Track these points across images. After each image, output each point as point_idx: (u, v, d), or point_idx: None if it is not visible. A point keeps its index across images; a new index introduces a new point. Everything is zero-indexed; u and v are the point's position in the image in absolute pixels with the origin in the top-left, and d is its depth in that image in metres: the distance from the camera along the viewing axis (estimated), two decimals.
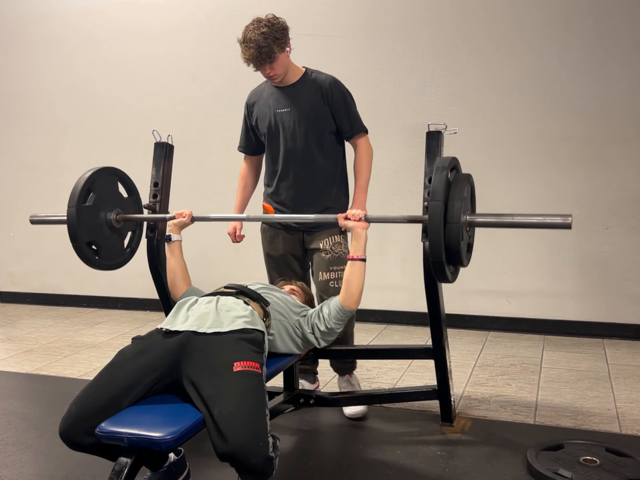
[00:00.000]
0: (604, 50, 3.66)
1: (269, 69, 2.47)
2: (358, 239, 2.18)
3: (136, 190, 2.78)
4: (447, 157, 2.11)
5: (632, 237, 3.74)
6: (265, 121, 2.65)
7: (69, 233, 2.43)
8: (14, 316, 4.91)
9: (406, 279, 4.09)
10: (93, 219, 2.52)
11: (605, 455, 2.20)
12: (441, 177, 1.99)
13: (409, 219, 2.23)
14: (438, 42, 3.95)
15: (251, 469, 1.62)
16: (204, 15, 4.47)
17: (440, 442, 2.46)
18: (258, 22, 2.42)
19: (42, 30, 4.92)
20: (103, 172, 2.58)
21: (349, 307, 2.19)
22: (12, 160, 5.19)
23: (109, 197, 2.61)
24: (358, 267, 2.18)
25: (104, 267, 2.63)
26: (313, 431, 2.65)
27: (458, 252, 2.00)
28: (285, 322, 2.20)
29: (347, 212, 2.23)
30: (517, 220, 2.10)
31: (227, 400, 1.68)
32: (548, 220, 2.03)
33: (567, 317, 3.91)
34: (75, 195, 2.44)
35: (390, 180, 4.11)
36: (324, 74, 2.63)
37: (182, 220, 2.43)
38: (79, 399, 1.79)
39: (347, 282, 2.18)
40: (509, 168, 3.91)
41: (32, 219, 2.79)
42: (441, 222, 1.95)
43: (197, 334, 1.91)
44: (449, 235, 1.96)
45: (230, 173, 4.55)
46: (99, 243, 2.56)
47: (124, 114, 4.77)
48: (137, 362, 1.85)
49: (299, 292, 2.46)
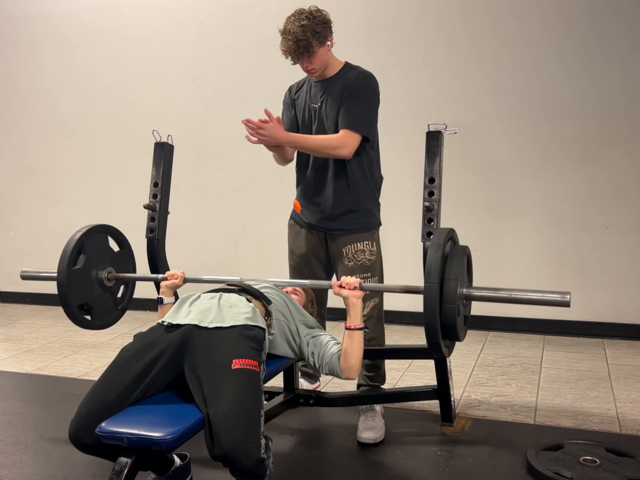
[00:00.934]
0: (602, 51, 3.66)
1: (307, 63, 2.39)
2: (354, 308, 2.08)
3: (127, 243, 2.75)
4: (444, 230, 2.03)
5: (632, 237, 3.74)
6: (300, 114, 2.58)
7: (60, 298, 2.43)
8: (14, 316, 4.91)
9: (406, 279, 4.08)
10: (84, 281, 2.49)
11: (605, 455, 2.20)
12: (436, 256, 1.92)
13: (405, 289, 2.13)
14: (438, 42, 3.95)
15: (243, 470, 1.63)
16: (204, 15, 4.47)
17: (440, 442, 2.45)
18: (299, 14, 2.33)
19: (42, 30, 4.92)
20: (92, 231, 2.55)
21: (347, 377, 2.09)
22: (12, 160, 5.19)
23: (100, 255, 2.57)
24: (357, 336, 2.07)
25: (96, 327, 2.61)
26: (313, 431, 2.65)
27: (455, 329, 1.94)
28: (285, 324, 2.19)
29: (342, 280, 2.12)
30: (514, 296, 2.01)
31: (222, 399, 1.69)
32: (547, 298, 1.94)
33: (567, 317, 3.91)
34: (65, 259, 2.42)
35: (390, 180, 4.10)
36: (359, 68, 2.50)
37: (174, 283, 2.34)
38: (87, 400, 1.79)
39: (346, 353, 2.06)
40: (509, 168, 3.91)
41: (23, 275, 2.80)
42: (437, 303, 1.89)
43: (199, 328, 1.91)
44: (445, 315, 1.91)
45: (231, 173, 4.56)
46: (91, 304, 2.54)
47: (124, 114, 4.76)
48: (141, 358, 1.86)
49: (301, 293, 2.45)
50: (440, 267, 1.92)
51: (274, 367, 2.14)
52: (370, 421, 2.52)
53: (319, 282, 2.39)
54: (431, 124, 2.38)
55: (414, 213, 3.96)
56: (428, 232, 2.29)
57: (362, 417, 2.56)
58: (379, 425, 2.52)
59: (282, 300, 2.23)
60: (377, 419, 2.54)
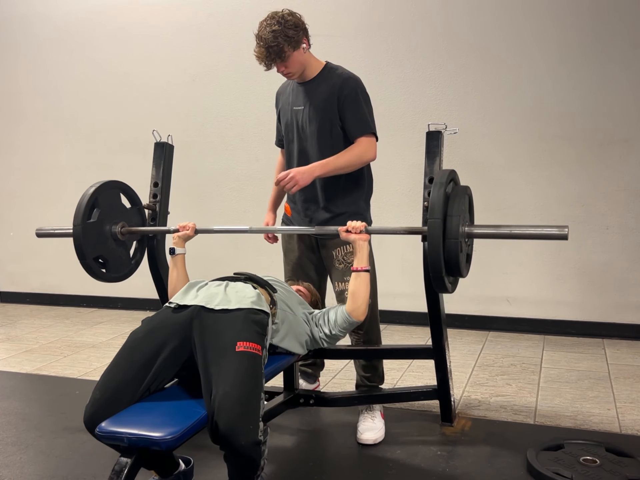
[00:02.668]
0: (603, 50, 3.66)
1: (282, 67, 2.38)
2: (361, 251, 2.20)
3: (139, 200, 2.79)
4: (445, 171, 2.12)
5: (632, 237, 3.74)
6: (284, 118, 2.58)
7: (76, 251, 2.47)
8: (14, 316, 4.91)
9: (406, 279, 4.09)
10: (99, 234, 2.55)
11: (605, 455, 2.20)
12: (439, 193, 2.01)
13: (408, 230, 2.25)
14: (438, 42, 3.95)
15: (238, 451, 1.65)
16: (204, 15, 4.47)
17: (440, 442, 2.45)
18: (271, 19, 2.32)
19: (42, 31, 4.92)
20: (105, 187, 2.60)
21: (356, 318, 2.20)
22: (12, 160, 5.19)
23: (113, 210, 2.63)
24: (363, 278, 2.19)
25: (111, 279, 2.67)
26: (313, 431, 2.65)
27: (457, 265, 2.03)
28: (291, 315, 2.20)
29: (348, 225, 2.22)
30: (515, 232, 2.14)
31: (225, 380, 1.72)
32: (545, 232, 2.08)
33: (567, 317, 3.91)
34: (80, 213, 2.47)
35: (390, 180, 4.11)
36: (341, 70, 2.49)
37: (186, 233, 2.45)
38: (102, 383, 1.81)
39: (353, 294, 2.20)
40: (509, 168, 3.91)
41: (38, 232, 2.85)
42: (440, 239, 1.98)
43: (206, 309, 1.95)
44: (449, 251, 2.00)
45: (231, 173, 4.56)
46: (105, 257, 2.59)
47: (124, 114, 4.76)
48: (151, 340, 1.90)
49: (305, 293, 2.47)
50: (443, 205, 2.01)
51: (274, 367, 2.14)
52: (369, 422, 2.53)
53: (326, 228, 2.41)
54: (431, 124, 2.38)
55: (413, 213, 3.96)
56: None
57: (362, 418, 2.56)
58: (378, 425, 2.52)
59: (286, 291, 2.28)
60: (377, 419, 2.54)
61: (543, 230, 2.09)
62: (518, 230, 2.14)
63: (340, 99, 2.42)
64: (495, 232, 2.17)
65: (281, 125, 2.63)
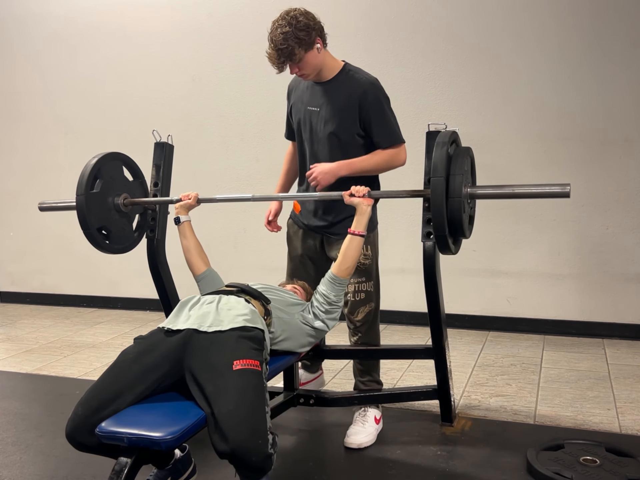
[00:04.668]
0: (603, 50, 3.66)
1: (295, 68, 2.30)
2: (362, 215, 2.22)
3: (141, 173, 2.80)
4: (447, 132, 2.14)
5: (632, 237, 3.74)
6: (297, 116, 2.53)
7: (79, 220, 2.47)
8: (14, 316, 4.91)
9: (406, 279, 4.09)
10: (101, 205, 2.55)
11: (605, 455, 2.20)
12: (442, 152, 2.03)
13: (411, 193, 2.30)
14: (438, 42, 3.95)
15: (250, 466, 1.64)
16: (204, 15, 4.47)
17: (440, 442, 2.45)
18: (282, 19, 2.26)
19: (42, 30, 4.92)
20: (108, 158, 2.62)
21: (342, 277, 2.22)
22: (12, 160, 5.19)
23: (116, 181, 2.64)
24: (357, 242, 2.22)
25: (114, 250, 2.66)
26: (313, 431, 2.65)
27: (460, 224, 2.06)
28: (289, 320, 2.20)
29: (352, 189, 2.23)
30: (517, 191, 2.16)
31: (226, 399, 1.70)
32: (547, 190, 2.09)
33: (567, 317, 3.91)
34: (82, 182, 2.48)
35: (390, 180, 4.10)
36: (362, 74, 2.42)
37: (188, 202, 2.49)
38: (85, 399, 1.80)
39: (344, 255, 2.22)
40: (509, 168, 3.91)
41: (41, 206, 2.83)
42: (443, 197, 2.00)
43: (199, 332, 1.93)
44: (452, 209, 2.02)
45: (231, 173, 4.56)
46: (108, 228, 2.59)
47: (123, 114, 4.76)
48: (141, 362, 1.87)
49: (300, 291, 2.47)
50: (446, 164, 2.02)
51: (275, 366, 2.14)
52: (359, 426, 2.51)
53: (329, 194, 2.37)
54: (431, 124, 2.38)
55: (413, 213, 3.96)
56: (428, 232, 2.28)
57: (353, 421, 2.55)
58: (367, 430, 2.49)
59: (280, 295, 2.28)
60: (368, 424, 2.51)
61: (545, 188, 2.10)
62: (520, 189, 2.16)
63: (364, 107, 2.36)
64: (497, 192, 2.19)
65: (293, 120, 2.59)
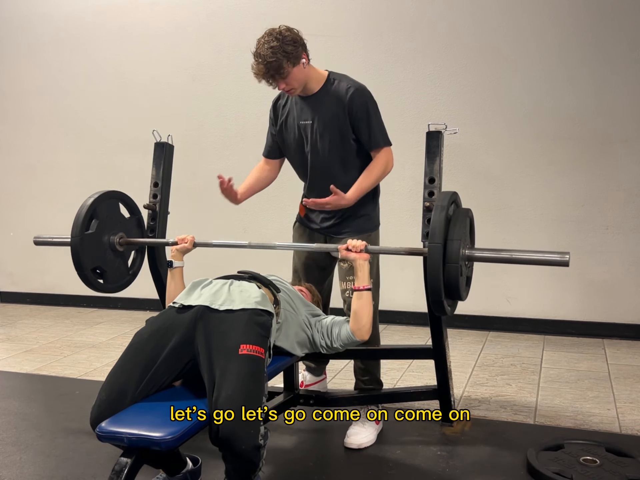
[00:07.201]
0: (602, 51, 3.66)
1: (283, 84, 2.34)
2: (361, 270, 2.18)
3: (138, 210, 2.78)
4: (447, 193, 2.10)
5: (632, 237, 3.74)
6: (290, 133, 2.55)
7: (74, 262, 2.46)
8: (14, 316, 4.91)
9: (406, 279, 4.09)
10: (97, 245, 2.54)
11: (605, 455, 2.20)
12: (440, 217, 2.00)
13: (409, 251, 2.25)
14: (438, 42, 3.95)
15: (238, 455, 1.67)
16: (204, 15, 4.47)
17: (440, 442, 2.46)
18: (269, 36, 2.28)
19: (42, 30, 4.92)
20: (104, 197, 2.60)
21: (359, 338, 2.18)
22: (12, 160, 5.19)
23: (112, 220, 2.62)
24: (365, 297, 2.17)
25: (108, 290, 2.68)
26: (313, 431, 2.65)
27: (457, 289, 2.01)
28: (293, 315, 2.20)
29: (348, 243, 2.20)
30: (515, 257, 2.10)
31: (228, 383, 1.73)
32: (546, 257, 2.04)
33: (567, 317, 3.91)
34: (78, 223, 2.46)
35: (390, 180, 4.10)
36: (346, 81, 2.45)
37: (184, 246, 2.43)
38: (107, 385, 1.83)
39: (356, 314, 2.16)
40: (509, 168, 3.92)
41: (36, 240, 2.83)
42: (440, 263, 1.96)
43: (210, 309, 1.95)
44: (448, 275, 1.98)
45: (230, 173, 4.54)
46: (103, 268, 2.59)
47: (123, 114, 4.76)
48: (155, 341, 1.90)
49: (306, 293, 2.47)
50: (444, 229, 2.00)
51: (275, 366, 2.14)
52: (359, 426, 2.51)
53: (326, 246, 2.43)
54: (431, 124, 2.38)
55: (414, 213, 3.96)
56: (428, 232, 2.28)
57: (353, 421, 2.55)
58: (367, 431, 2.49)
59: (290, 291, 2.28)
60: (367, 424, 2.52)
61: (544, 256, 2.05)
62: (518, 255, 2.10)
63: (352, 112, 2.40)
64: (495, 257, 2.12)
65: (280, 138, 2.60)
